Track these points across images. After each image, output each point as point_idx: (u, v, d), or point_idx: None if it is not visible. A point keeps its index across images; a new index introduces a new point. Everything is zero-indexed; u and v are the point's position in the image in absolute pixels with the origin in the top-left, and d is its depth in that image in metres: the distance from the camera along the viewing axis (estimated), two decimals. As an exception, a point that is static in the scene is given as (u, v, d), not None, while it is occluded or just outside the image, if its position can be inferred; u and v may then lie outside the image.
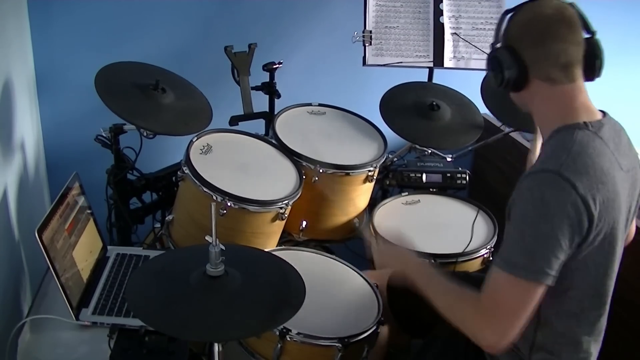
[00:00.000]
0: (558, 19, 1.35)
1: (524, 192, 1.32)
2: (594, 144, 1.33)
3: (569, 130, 1.35)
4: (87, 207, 1.91)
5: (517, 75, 1.38)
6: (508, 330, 1.30)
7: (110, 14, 2.35)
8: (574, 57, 1.36)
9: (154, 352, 1.58)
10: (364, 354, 1.68)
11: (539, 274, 1.28)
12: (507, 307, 1.31)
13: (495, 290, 1.32)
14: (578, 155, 1.31)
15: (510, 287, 1.30)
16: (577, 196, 1.26)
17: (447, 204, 2.26)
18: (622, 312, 2.00)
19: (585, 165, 1.30)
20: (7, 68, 1.94)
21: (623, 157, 1.39)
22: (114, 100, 1.88)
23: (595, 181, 1.29)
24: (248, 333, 1.50)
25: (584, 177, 1.28)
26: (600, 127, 1.37)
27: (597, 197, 1.28)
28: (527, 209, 1.30)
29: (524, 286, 1.29)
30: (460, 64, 2.42)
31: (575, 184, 1.27)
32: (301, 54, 2.63)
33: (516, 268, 1.29)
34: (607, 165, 1.33)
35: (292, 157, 2.05)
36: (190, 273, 1.35)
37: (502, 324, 1.31)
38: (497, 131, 2.51)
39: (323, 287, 1.79)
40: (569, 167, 1.29)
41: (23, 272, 1.98)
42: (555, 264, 1.29)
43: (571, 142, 1.33)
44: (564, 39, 1.35)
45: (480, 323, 1.33)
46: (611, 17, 2.83)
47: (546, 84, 1.37)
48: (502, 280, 1.31)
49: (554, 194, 1.27)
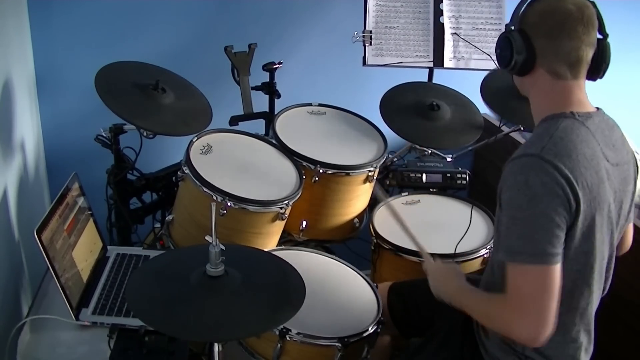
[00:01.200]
0: (577, 16, 1.35)
1: (508, 177, 1.33)
2: (579, 132, 1.34)
3: (555, 118, 1.37)
4: (86, 207, 1.91)
5: (524, 61, 1.39)
6: (539, 320, 1.29)
7: (110, 14, 2.35)
8: (583, 56, 1.37)
9: (154, 352, 1.58)
10: (364, 354, 1.68)
11: (544, 257, 1.28)
12: (529, 297, 1.30)
13: (513, 284, 1.32)
14: (560, 140, 1.32)
15: (523, 276, 1.30)
16: (561, 177, 1.28)
17: (447, 204, 2.26)
18: (622, 312, 2.00)
19: (567, 149, 1.31)
20: (7, 68, 1.94)
21: (611, 150, 1.39)
22: (114, 100, 1.88)
23: (578, 165, 1.30)
24: (248, 333, 1.50)
25: (566, 159, 1.29)
26: (588, 118, 1.38)
27: (579, 179, 1.29)
28: (514, 194, 1.30)
29: (535, 271, 1.29)
30: (460, 64, 2.42)
31: (557, 165, 1.28)
32: (301, 54, 2.63)
33: (519, 255, 1.29)
34: (590, 152, 1.34)
35: (292, 157, 2.05)
36: (190, 273, 1.35)
37: (530, 316, 1.30)
38: (497, 131, 2.50)
39: (323, 287, 1.79)
40: (550, 150, 1.30)
41: (23, 272, 1.98)
42: (557, 242, 1.28)
43: (554, 128, 1.35)
44: (578, 37, 1.35)
45: (513, 322, 1.32)
46: (611, 16, 2.83)
47: (550, 76, 1.39)
48: (514, 273, 1.31)
49: (537, 177, 1.28)
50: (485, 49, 2.37)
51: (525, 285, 1.30)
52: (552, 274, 1.29)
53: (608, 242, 1.42)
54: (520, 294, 1.31)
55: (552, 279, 1.29)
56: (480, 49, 2.38)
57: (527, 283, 1.30)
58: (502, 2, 2.42)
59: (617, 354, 2.05)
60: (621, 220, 1.45)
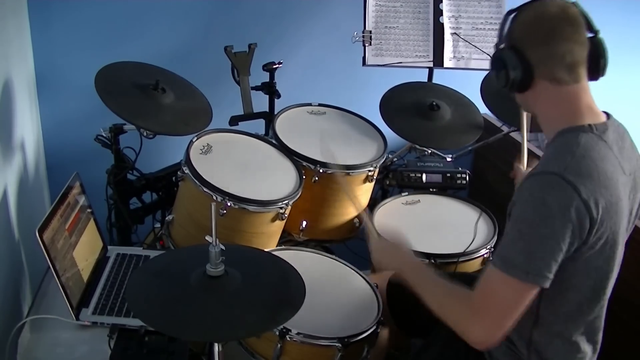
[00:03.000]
0: (562, 18, 1.33)
1: (524, 193, 1.31)
2: (598, 148, 1.32)
3: (574, 132, 1.34)
4: (87, 206, 1.91)
5: (522, 76, 1.36)
6: (497, 329, 1.31)
7: (110, 14, 2.35)
8: (578, 56, 1.35)
9: (154, 352, 1.58)
10: (364, 354, 1.68)
11: (536, 277, 1.27)
12: (499, 305, 1.31)
13: (489, 288, 1.32)
14: (582, 159, 1.29)
15: (505, 286, 1.30)
16: (580, 200, 1.25)
17: (447, 204, 2.26)
18: (622, 312, 2.00)
19: (588, 168, 1.29)
20: (7, 68, 1.94)
21: (626, 160, 1.38)
22: (113, 100, 1.88)
23: (599, 185, 1.28)
24: (248, 333, 1.50)
25: (587, 180, 1.27)
26: (605, 130, 1.35)
27: (599, 202, 1.27)
28: (528, 210, 1.29)
29: (519, 287, 1.29)
30: (460, 64, 2.42)
31: (578, 188, 1.26)
32: (301, 54, 2.63)
33: (514, 269, 1.28)
34: (610, 169, 1.32)
35: (292, 157, 2.05)
36: (190, 273, 1.35)
37: (491, 322, 1.31)
38: (497, 131, 2.51)
39: (323, 287, 1.79)
40: (572, 170, 1.27)
41: (23, 272, 1.98)
42: (554, 267, 1.28)
43: (575, 144, 1.32)
44: (569, 38, 1.34)
45: (470, 319, 1.33)
46: (611, 16, 2.83)
47: (551, 85, 1.36)
48: (498, 279, 1.30)
49: (556, 197, 1.26)
50: (485, 49, 2.37)
51: (502, 294, 1.30)
52: (531, 292, 1.29)
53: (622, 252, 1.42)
54: (491, 299, 1.31)
55: (527, 298, 1.30)
56: (480, 49, 2.38)
57: (505, 294, 1.30)
58: (502, 2, 2.42)
59: (617, 354, 2.05)
60: (629, 226, 1.44)
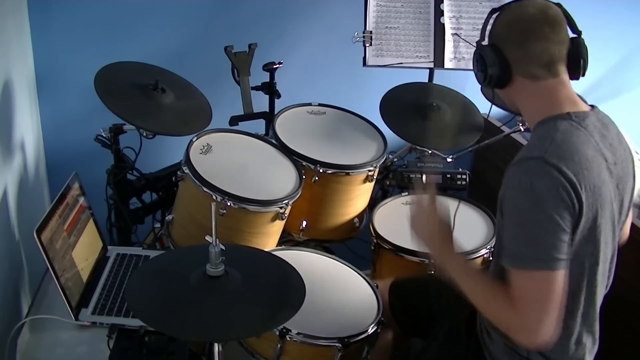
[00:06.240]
0: (541, 18, 1.36)
1: (511, 181, 1.32)
2: (578, 133, 1.34)
3: (553, 120, 1.37)
4: (87, 207, 1.91)
5: (500, 73, 1.40)
6: (540, 326, 1.28)
7: (110, 14, 2.35)
8: (556, 55, 1.37)
9: (154, 352, 1.58)
10: (364, 354, 1.68)
11: (550, 262, 1.27)
12: (533, 303, 1.28)
13: (518, 287, 1.30)
14: (562, 142, 1.31)
15: (527, 281, 1.29)
16: (565, 180, 1.27)
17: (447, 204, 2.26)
18: (622, 312, 2.00)
19: (569, 151, 1.30)
20: (7, 68, 1.94)
21: (609, 149, 1.39)
22: (113, 100, 1.88)
23: (580, 167, 1.29)
24: (248, 333, 1.50)
25: (569, 162, 1.29)
26: (585, 118, 1.37)
27: (582, 182, 1.28)
28: (519, 199, 1.29)
29: (540, 276, 1.27)
30: (461, 64, 2.42)
31: (561, 168, 1.27)
32: (301, 54, 2.63)
33: (525, 260, 1.28)
34: (591, 154, 1.33)
35: (292, 157, 2.05)
36: (190, 273, 1.35)
37: (532, 320, 1.28)
38: (497, 132, 2.51)
39: (323, 287, 1.79)
40: (553, 153, 1.29)
41: (23, 272, 1.98)
42: (563, 247, 1.27)
43: (554, 130, 1.34)
44: (546, 38, 1.36)
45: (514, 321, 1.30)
46: (611, 16, 2.84)
47: (529, 81, 1.39)
48: (518, 277, 1.30)
49: (542, 181, 1.27)
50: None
51: (529, 290, 1.29)
52: (556, 279, 1.27)
53: (611, 243, 1.41)
54: (524, 299, 1.29)
55: (555, 286, 1.27)
56: (480, 49, 2.38)
57: (532, 288, 1.28)
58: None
59: (617, 354, 2.05)
60: (622, 217, 1.44)
